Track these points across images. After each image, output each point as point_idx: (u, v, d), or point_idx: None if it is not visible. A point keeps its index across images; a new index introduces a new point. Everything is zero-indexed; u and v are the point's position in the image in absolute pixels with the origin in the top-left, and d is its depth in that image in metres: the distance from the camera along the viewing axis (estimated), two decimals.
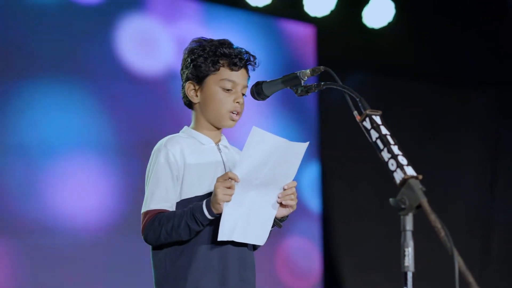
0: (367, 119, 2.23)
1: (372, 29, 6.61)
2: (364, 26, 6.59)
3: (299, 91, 2.44)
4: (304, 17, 6.41)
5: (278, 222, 2.64)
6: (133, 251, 5.32)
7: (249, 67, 2.73)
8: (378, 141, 2.21)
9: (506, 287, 6.76)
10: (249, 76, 2.73)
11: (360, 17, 6.57)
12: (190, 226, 2.50)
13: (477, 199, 7.01)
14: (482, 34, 6.89)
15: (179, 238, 2.53)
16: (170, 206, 2.58)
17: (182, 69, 2.76)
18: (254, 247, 2.73)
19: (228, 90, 2.67)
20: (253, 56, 2.73)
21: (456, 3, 6.79)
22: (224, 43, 2.71)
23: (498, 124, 7.17)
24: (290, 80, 2.47)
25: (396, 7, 6.54)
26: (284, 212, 2.62)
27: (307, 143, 2.54)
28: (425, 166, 6.88)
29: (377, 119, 2.23)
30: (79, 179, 5.27)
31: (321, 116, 6.52)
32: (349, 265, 6.68)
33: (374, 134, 2.21)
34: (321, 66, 2.39)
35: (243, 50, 2.73)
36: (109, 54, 5.47)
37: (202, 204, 2.49)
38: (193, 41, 2.75)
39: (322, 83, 2.38)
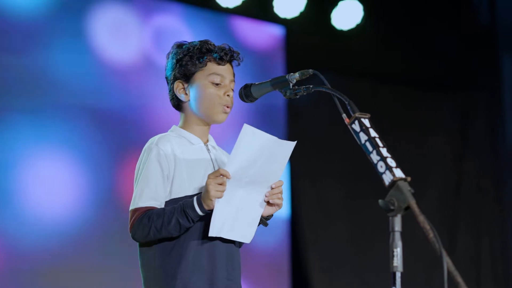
0: (356, 121, 2.27)
1: (341, 31, 6.68)
2: (332, 27, 6.65)
3: (287, 94, 2.48)
4: (274, 19, 6.44)
5: (264, 221, 2.68)
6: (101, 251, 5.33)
7: (233, 63, 2.79)
8: (367, 144, 2.25)
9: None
10: (233, 73, 2.78)
11: (329, 19, 6.63)
12: (180, 223, 2.52)
13: (443, 200, 7.11)
14: (448, 38, 7.00)
15: (168, 234, 2.54)
16: (159, 205, 2.60)
17: (167, 72, 2.79)
18: (239, 244, 2.75)
19: (217, 84, 2.71)
20: (236, 52, 2.77)
21: (423, 7, 6.89)
22: (207, 42, 2.77)
23: (462, 126, 7.28)
24: (279, 82, 2.51)
25: (365, 9, 6.61)
26: (271, 210, 2.66)
27: (295, 142, 2.58)
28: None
29: (366, 122, 2.28)
30: (50, 177, 5.22)
31: (289, 116, 6.56)
32: (317, 264, 6.72)
33: (363, 137, 2.26)
34: (310, 70, 2.44)
35: (227, 46, 2.77)
36: (83, 45, 5.44)
37: (193, 200, 2.51)
38: (175, 44, 2.79)
39: (311, 86, 2.42)
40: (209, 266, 2.61)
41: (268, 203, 2.63)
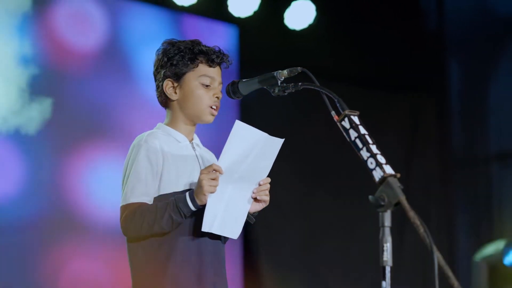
0: (346, 119, 2.31)
1: (294, 31, 6.73)
2: (285, 27, 6.70)
3: (276, 91, 2.51)
4: (228, 18, 6.46)
5: (250, 217, 2.70)
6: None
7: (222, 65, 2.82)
8: (357, 140, 2.29)
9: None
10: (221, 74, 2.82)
11: (282, 19, 6.67)
12: (173, 218, 2.54)
13: None
14: (397, 40, 7.11)
15: (161, 230, 2.56)
16: (150, 200, 2.62)
17: (156, 69, 2.80)
18: (225, 240, 2.78)
19: (207, 86, 2.74)
20: (226, 55, 2.79)
21: (375, 8, 6.99)
22: (198, 42, 2.80)
23: (410, 127, 7.42)
24: (266, 79, 2.53)
25: (317, 10, 6.67)
26: (257, 207, 2.70)
27: (283, 139, 2.63)
28: (343, 165, 7.11)
29: (356, 119, 2.32)
30: None
31: (242, 114, 6.58)
32: (269, 266, 6.75)
33: (353, 134, 2.30)
34: (299, 67, 2.48)
35: (217, 48, 2.79)
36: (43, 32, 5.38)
37: (185, 195, 2.54)
38: (165, 42, 2.81)
39: (300, 83, 2.45)
40: (197, 262, 2.64)
41: (255, 199, 2.67)
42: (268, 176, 2.68)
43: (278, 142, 2.62)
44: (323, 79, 7.42)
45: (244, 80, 2.62)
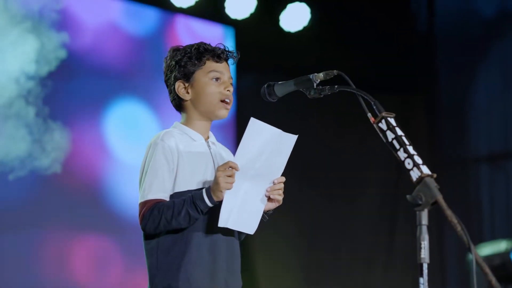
0: (383, 121, 2.38)
1: (289, 33, 6.81)
2: (281, 29, 6.78)
3: (312, 93, 2.56)
4: (224, 20, 6.53)
5: (264, 215, 2.75)
6: None
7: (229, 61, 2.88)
8: (394, 142, 2.36)
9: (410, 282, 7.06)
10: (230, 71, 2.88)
11: (278, 21, 6.76)
12: (190, 214, 2.59)
13: (383, 197, 7.31)
14: (388, 43, 7.22)
15: (178, 226, 2.62)
16: (167, 197, 2.68)
17: (166, 75, 2.86)
18: (240, 237, 2.84)
19: (217, 79, 2.79)
20: (231, 51, 2.87)
21: (367, 11, 7.09)
22: (203, 42, 2.85)
23: (402, 128, 7.49)
24: (302, 82, 2.58)
25: (312, 12, 6.76)
26: (271, 206, 2.75)
27: (297, 135, 2.68)
28: (335, 165, 7.18)
29: (392, 121, 2.38)
30: None
31: (238, 114, 6.63)
32: (261, 265, 6.79)
33: (390, 135, 2.36)
34: (334, 71, 2.53)
35: (222, 45, 2.87)
36: None
37: (202, 192, 2.60)
38: (171, 48, 2.87)
39: (336, 86, 2.51)
40: (210, 259, 2.69)
41: (269, 198, 2.72)
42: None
43: (292, 138, 2.68)
44: None
45: (279, 82, 2.66)
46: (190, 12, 6.27)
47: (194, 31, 6.39)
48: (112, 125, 5.79)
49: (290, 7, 6.74)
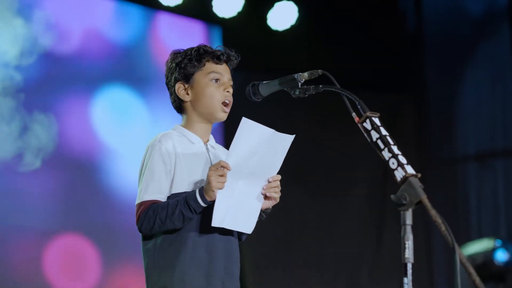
0: (368, 120, 2.37)
1: (276, 31, 6.81)
2: (268, 28, 6.78)
3: (297, 93, 2.55)
4: (212, 18, 6.52)
5: (261, 213, 2.75)
6: None
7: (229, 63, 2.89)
8: (379, 141, 2.36)
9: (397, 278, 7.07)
10: (231, 71, 2.89)
11: (265, 19, 6.75)
12: (184, 214, 2.60)
13: (371, 194, 7.31)
14: (376, 42, 7.22)
15: (173, 226, 2.63)
16: (163, 198, 2.69)
17: (167, 78, 2.87)
18: (240, 237, 2.85)
19: (217, 80, 2.80)
20: (232, 53, 2.87)
21: (355, 10, 7.09)
22: (204, 45, 2.86)
23: (389, 125, 7.50)
24: (287, 82, 2.57)
25: (299, 11, 6.76)
26: (268, 204, 2.76)
27: (293, 135, 2.68)
28: (322, 163, 7.18)
29: (377, 121, 2.38)
30: None
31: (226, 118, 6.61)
32: (247, 265, 6.79)
33: (374, 135, 2.36)
34: (319, 70, 2.52)
35: (222, 47, 2.87)
36: None
37: (195, 192, 2.60)
38: (172, 52, 2.87)
39: (321, 86, 2.50)
40: (207, 259, 2.69)
41: (265, 196, 2.72)
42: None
43: (289, 139, 2.68)
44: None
45: (264, 82, 2.66)
46: (177, 10, 6.26)
47: (181, 30, 6.38)
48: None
49: (277, 5, 6.74)
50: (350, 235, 7.26)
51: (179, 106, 2.85)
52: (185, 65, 2.80)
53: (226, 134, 6.37)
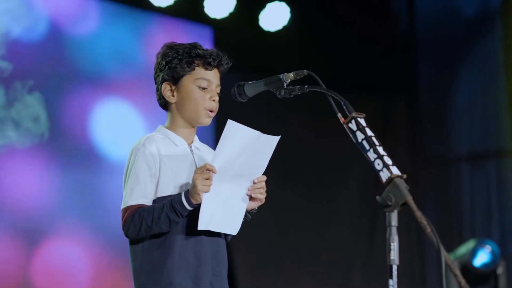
0: (353, 121, 2.36)
1: (268, 32, 6.79)
2: (260, 28, 6.76)
3: (282, 93, 2.53)
4: (203, 19, 6.50)
5: (247, 214, 2.74)
6: None
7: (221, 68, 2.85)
8: (364, 142, 2.34)
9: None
10: (221, 76, 2.84)
11: (257, 20, 6.74)
12: (170, 217, 2.58)
13: (364, 193, 7.31)
14: (368, 42, 7.21)
15: (159, 230, 2.61)
16: (148, 202, 2.66)
17: (156, 72, 2.83)
18: (226, 238, 2.83)
19: (204, 88, 2.76)
20: (224, 58, 2.82)
21: (347, 10, 7.09)
22: (196, 46, 2.80)
23: (381, 125, 7.51)
24: (272, 82, 2.56)
25: (291, 12, 6.75)
26: (253, 205, 2.74)
27: (279, 136, 2.66)
28: (314, 164, 7.17)
29: (362, 121, 2.36)
30: None
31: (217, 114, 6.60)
32: (240, 266, 6.77)
33: (359, 136, 2.34)
34: (305, 70, 2.51)
35: (215, 51, 2.81)
36: None
37: (181, 195, 2.58)
38: (165, 45, 2.82)
39: (306, 86, 2.49)
40: (194, 263, 2.68)
41: (250, 197, 2.70)
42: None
43: (274, 140, 2.66)
44: (296, 80, 7.53)
45: (250, 82, 2.64)
46: (168, 11, 6.24)
47: (172, 31, 6.36)
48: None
49: (269, 6, 6.72)
50: (341, 237, 7.25)
51: (164, 104, 2.83)
52: (174, 65, 2.75)
53: (217, 135, 6.36)
